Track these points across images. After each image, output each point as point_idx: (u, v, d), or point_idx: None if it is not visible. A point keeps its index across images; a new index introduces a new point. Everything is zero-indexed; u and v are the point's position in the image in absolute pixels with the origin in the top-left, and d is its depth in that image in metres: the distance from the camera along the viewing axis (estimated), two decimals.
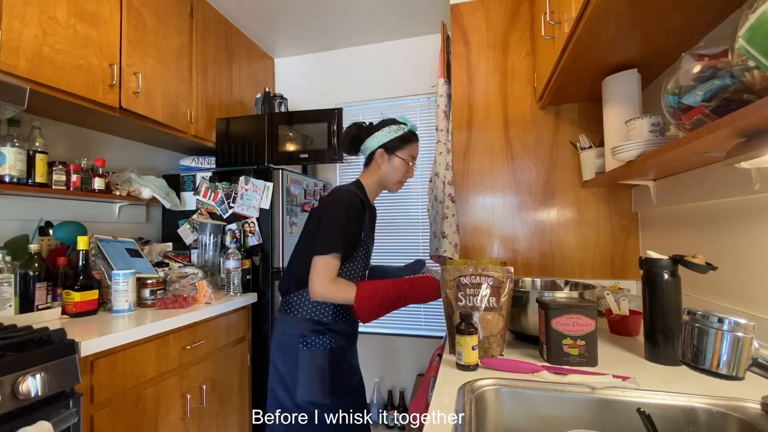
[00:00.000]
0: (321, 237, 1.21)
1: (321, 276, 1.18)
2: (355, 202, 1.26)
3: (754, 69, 0.58)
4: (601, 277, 1.67)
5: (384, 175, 1.37)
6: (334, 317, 1.29)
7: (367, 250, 1.35)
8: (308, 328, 1.27)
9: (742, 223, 1.02)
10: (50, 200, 1.69)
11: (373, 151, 1.36)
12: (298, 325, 1.28)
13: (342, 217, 1.22)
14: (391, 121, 1.37)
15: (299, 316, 1.28)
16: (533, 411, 0.83)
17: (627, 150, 1.10)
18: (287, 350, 1.27)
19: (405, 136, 1.35)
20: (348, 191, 1.30)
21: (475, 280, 1.04)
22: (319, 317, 1.27)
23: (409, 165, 1.37)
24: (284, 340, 1.28)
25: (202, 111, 2.15)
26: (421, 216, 2.64)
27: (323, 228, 1.23)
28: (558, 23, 1.27)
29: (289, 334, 1.28)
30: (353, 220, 1.24)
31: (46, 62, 1.37)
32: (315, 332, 1.27)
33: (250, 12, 2.38)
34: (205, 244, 2.05)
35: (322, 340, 1.26)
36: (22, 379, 0.94)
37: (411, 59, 2.67)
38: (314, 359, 1.24)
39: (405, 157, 1.35)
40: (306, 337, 1.26)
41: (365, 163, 1.42)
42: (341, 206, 1.24)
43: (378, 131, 1.35)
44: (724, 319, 0.63)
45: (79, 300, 1.42)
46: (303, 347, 1.25)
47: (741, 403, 0.73)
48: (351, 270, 1.30)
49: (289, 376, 1.25)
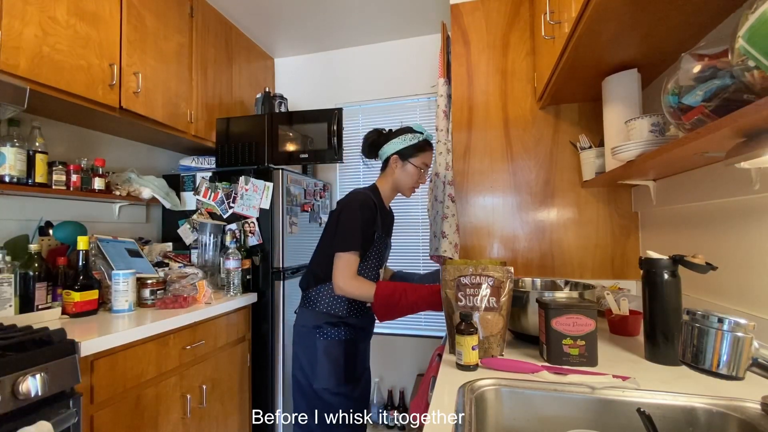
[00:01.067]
0: (339, 236, 1.30)
1: (343, 272, 1.28)
2: (369, 203, 1.35)
3: (754, 69, 0.58)
4: (601, 277, 1.67)
5: (397, 180, 1.44)
6: (348, 312, 1.37)
7: (380, 250, 1.42)
8: (324, 320, 1.36)
9: (742, 223, 1.02)
10: (50, 200, 1.69)
11: (389, 156, 1.44)
12: (315, 317, 1.37)
13: (356, 217, 1.31)
14: (408, 129, 1.44)
15: (317, 309, 1.38)
16: (533, 411, 0.83)
17: (627, 150, 1.10)
18: (306, 341, 1.37)
19: (419, 144, 1.42)
20: (363, 194, 1.39)
21: (475, 280, 1.04)
22: (335, 311, 1.37)
23: (421, 172, 1.44)
24: (303, 331, 1.39)
25: (202, 111, 2.15)
26: (421, 216, 2.64)
27: (341, 227, 1.32)
28: (558, 23, 1.27)
29: (307, 326, 1.38)
30: (367, 219, 1.33)
31: (46, 62, 1.37)
32: (330, 324, 1.36)
33: (250, 12, 2.38)
34: (205, 244, 2.05)
35: (337, 332, 1.36)
36: (22, 379, 0.94)
37: (411, 59, 2.67)
38: (329, 348, 1.34)
39: (418, 164, 1.42)
40: (322, 328, 1.36)
41: (381, 168, 1.50)
42: (355, 207, 1.33)
43: (395, 138, 1.43)
44: (724, 319, 0.63)
45: (79, 300, 1.42)
46: (320, 337, 1.35)
47: (741, 403, 0.73)
48: (364, 268, 1.37)
49: (308, 364, 1.36)
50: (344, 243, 1.29)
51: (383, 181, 1.47)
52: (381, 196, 1.45)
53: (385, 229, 1.47)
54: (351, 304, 1.38)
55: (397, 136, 1.43)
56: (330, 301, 1.37)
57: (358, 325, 1.41)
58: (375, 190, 1.46)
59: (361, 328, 1.43)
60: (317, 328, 1.36)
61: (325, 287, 1.38)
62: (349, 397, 1.36)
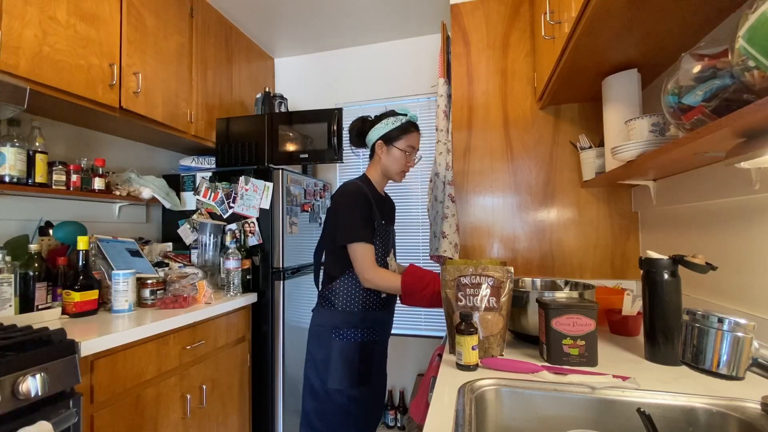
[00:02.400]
0: (345, 229, 1.28)
1: (366, 265, 1.27)
2: (363, 192, 1.33)
3: (754, 69, 0.58)
4: (601, 277, 1.67)
5: (385, 166, 1.41)
6: (365, 305, 1.35)
7: (384, 238, 1.39)
8: (341, 319, 1.34)
9: (742, 223, 1.02)
10: (50, 200, 1.69)
11: (374, 143, 1.41)
12: (332, 317, 1.35)
13: (351, 208, 1.30)
14: (390, 113, 1.41)
15: (333, 308, 1.36)
16: (533, 411, 0.83)
17: (627, 150, 1.10)
18: (322, 340, 1.35)
19: (403, 126, 1.39)
20: (353, 184, 1.36)
21: (475, 280, 1.04)
22: (350, 308, 1.35)
23: (407, 155, 1.40)
24: (319, 330, 1.37)
25: (202, 111, 2.15)
26: (421, 216, 2.64)
27: (342, 221, 1.29)
28: (558, 23, 1.27)
29: (323, 326, 1.36)
30: (364, 207, 1.31)
31: (46, 62, 1.37)
32: (348, 324, 1.34)
33: (250, 12, 2.38)
34: (205, 244, 2.05)
35: (354, 333, 1.33)
36: (22, 379, 0.94)
37: (411, 59, 2.67)
38: (345, 349, 1.32)
39: (403, 147, 1.38)
40: (338, 329, 1.33)
41: (369, 156, 1.47)
42: (350, 197, 1.31)
43: (378, 123, 1.40)
44: (724, 319, 0.63)
45: (79, 300, 1.42)
46: (335, 338, 1.33)
47: (741, 403, 0.73)
48: None
49: (322, 364, 1.33)
50: (352, 234, 1.27)
51: (372, 169, 1.44)
52: (372, 184, 1.43)
53: (384, 216, 1.44)
54: (367, 297, 1.35)
55: (380, 121, 1.40)
56: (346, 297, 1.35)
57: (377, 321, 1.38)
58: (365, 179, 1.43)
59: (380, 324, 1.40)
60: (334, 328, 1.33)
61: (339, 283, 1.35)
62: (361, 401, 1.33)
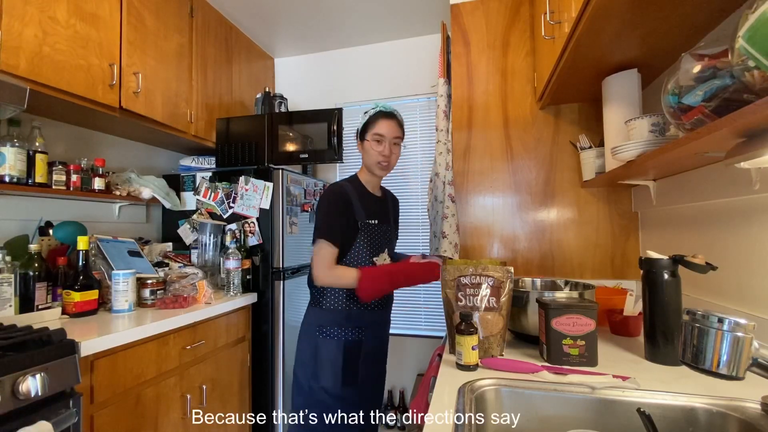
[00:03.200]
0: (316, 227, 1.34)
1: (318, 264, 1.31)
2: (340, 192, 1.36)
3: (754, 69, 0.58)
4: (601, 277, 1.67)
5: (365, 162, 1.45)
6: (350, 306, 1.36)
7: (371, 238, 1.39)
8: (326, 318, 1.36)
9: (742, 223, 1.02)
10: (50, 200, 1.69)
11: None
12: (320, 315, 1.37)
13: (326, 207, 1.34)
14: (364, 112, 1.45)
15: (321, 307, 1.38)
16: (533, 411, 0.83)
17: (627, 150, 1.10)
18: (308, 338, 1.37)
19: (369, 119, 1.41)
20: (336, 184, 1.41)
21: (475, 280, 1.04)
22: (335, 306, 1.36)
23: (378, 143, 1.38)
24: (307, 329, 1.40)
25: (202, 111, 2.15)
26: (421, 216, 2.64)
27: (316, 220, 1.35)
28: (558, 23, 1.27)
29: (311, 324, 1.38)
30: (339, 208, 1.34)
31: (46, 62, 1.37)
32: (333, 323, 1.35)
33: (250, 12, 2.38)
34: (205, 244, 2.05)
35: (338, 332, 1.34)
36: (22, 379, 0.94)
37: (411, 59, 2.67)
38: (329, 348, 1.33)
39: (370, 138, 1.40)
40: (323, 327, 1.35)
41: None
42: (326, 198, 1.36)
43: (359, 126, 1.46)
44: (724, 319, 0.63)
45: (79, 300, 1.42)
46: (320, 336, 1.35)
47: (741, 403, 0.73)
48: (355, 258, 1.36)
49: (308, 362, 1.35)
50: (317, 232, 1.32)
51: (361, 168, 1.48)
52: (361, 184, 1.44)
53: (376, 215, 1.41)
54: (353, 296, 1.34)
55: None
56: (332, 296, 1.36)
57: (365, 321, 1.37)
58: (354, 178, 1.45)
59: (369, 325, 1.38)
60: (320, 326, 1.35)
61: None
62: (345, 400, 1.32)
